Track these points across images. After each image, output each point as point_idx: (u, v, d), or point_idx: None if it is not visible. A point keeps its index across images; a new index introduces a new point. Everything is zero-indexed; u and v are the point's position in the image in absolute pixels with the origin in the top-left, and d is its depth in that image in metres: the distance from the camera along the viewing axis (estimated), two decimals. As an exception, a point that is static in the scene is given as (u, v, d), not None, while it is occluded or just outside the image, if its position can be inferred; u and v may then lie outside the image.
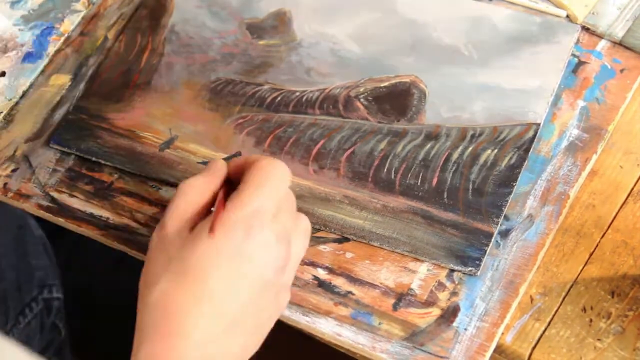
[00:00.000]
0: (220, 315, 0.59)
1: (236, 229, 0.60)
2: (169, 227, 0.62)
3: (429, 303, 0.67)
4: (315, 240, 0.70)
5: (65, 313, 0.90)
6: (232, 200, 0.61)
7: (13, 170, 0.77)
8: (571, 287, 0.69)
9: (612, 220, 0.71)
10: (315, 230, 0.71)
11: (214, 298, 0.59)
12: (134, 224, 0.73)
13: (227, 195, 0.63)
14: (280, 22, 0.81)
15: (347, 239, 0.70)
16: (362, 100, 0.76)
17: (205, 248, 0.59)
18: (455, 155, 0.72)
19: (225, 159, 0.74)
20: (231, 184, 0.65)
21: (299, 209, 0.71)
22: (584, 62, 0.76)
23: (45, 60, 0.83)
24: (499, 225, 0.69)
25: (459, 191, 0.70)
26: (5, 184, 0.76)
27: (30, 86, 0.81)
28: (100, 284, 0.97)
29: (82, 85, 0.81)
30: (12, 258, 0.85)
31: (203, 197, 0.63)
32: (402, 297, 0.67)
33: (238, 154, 0.74)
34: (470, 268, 0.67)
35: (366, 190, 0.72)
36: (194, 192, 0.63)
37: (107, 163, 0.76)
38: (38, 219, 0.76)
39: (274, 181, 0.62)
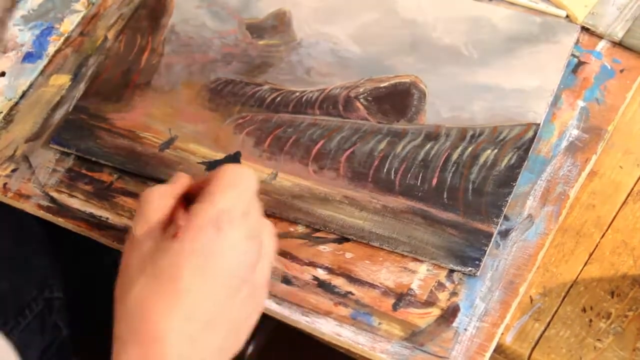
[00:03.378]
0: (195, 316, 0.59)
1: (206, 228, 0.60)
2: (138, 231, 0.62)
3: (429, 303, 0.67)
4: (315, 240, 0.70)
5: (67, 312, 0.90)
6: (201, 200, 0.61)
7: (13, 170, 0.77)
8: (571, 287, 0.69)
9: (612, 221, 0.71)
10: (315, 230, 0.71)
11: (187, 298, 0.59)
12: (133, 224, 0.73)
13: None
14: (280, 22, 0.81)
15: (346, 239, 0.70)
16: (362, 100, 0.76)
17: (176, 248, 0.59)
18: (455, 156, 0.72)
19: (225, 159, 0.74)
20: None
21: (299, 209, 0.71)
22: (584, 62, 0.76)
23: (45, 60, 0.83)
24: (498, 225, 0.69)
25: (459, 191, 0.70)
26: (5, 184, 0.76)
27: (30, 86, 0.82)
28: (100, 281, 0.97)
29: (81, 85, 0.81)
30: (12, 259, 0.85)
31: (167, 201, 0.63)
32: (401, 297, 0.67)
33: (238, 154, 0.74)
34: (470, 268, 0.67)
35: (366, 190, 0.72)
36: (156, 197, 0.63)
37: (107, 163, 0.76)
38: (38, 217, 0.76)
39: (242, 183, 0.62)
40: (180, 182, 0.65)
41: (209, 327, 0.60)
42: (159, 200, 0.63)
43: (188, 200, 0.64)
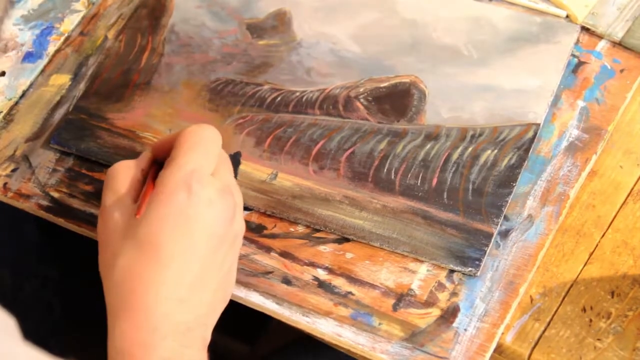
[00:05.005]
0: (181, 279, 0.60)
1: (176, 191, 0.60)
2: (109, 206, 0.63)
3: (429, 303, 0.67)
4: (315, 240, 0.70)
5: (62, 290, 0.90)
6: (168, 165, 0.62)
7: (13, 170, 0.77)
8: (571, 287, 0.69)
9: (612, 220, 0.71)
10: (315, 230, 0.71)
11: (170, 264, 0.59)
12: (134, 224, 0.73)
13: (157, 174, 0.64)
14: (280, 22, 0.81)
15: (347, 240, 0.70)
16: (362, 100, 0.76)
17: (151, 217, 0.60)
18: (455, 156, 0.72)
19: None
20: (161, 166, 0.66)
21: (299, 209, 0.71)
22: (584, 63, 0.76)
23: (45, 60, 0.83)
24: (498, 225, 0.69)
25: (459, 191, 0.70)
26: (5, 183, 0.76)
27: (30, 86, 0.81)
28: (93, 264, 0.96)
29: (82, 85, 0.81)
30: (8, 234, 0.85)
31: (134, 173, 0.65)
32: (402, 297, 0.67)
33: (238, 154, 0.74)
34: (470, 268, 0.67)
35: (366, 190, 0.72)
36: (122, 171, 0.65)
37: (107, 163, 0.76)
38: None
39: (206, 142, 0.64)
40: (143, 155, 0.67)
41: (198, 287, 0.60)
42: (125, 172, 0.65)
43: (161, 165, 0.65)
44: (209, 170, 0.63)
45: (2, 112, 0.80)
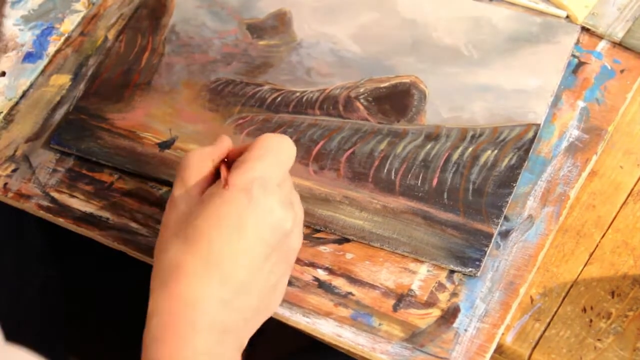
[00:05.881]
0: (229, 280, 0.60)
1: (239, 194, 0.61)
2: (177, 196, 0.63)
3: (429, 304, 0.67)
4: (315, 240, 0.70)
5: (62, 290, 0.90)
6: (235, 167, 0.62)
7: (13, 170, 0.77)
8: (571, 287, 0.69)
9: (612, 221, 0.71)
10: (315, 231, 0.71)
11: (221, 263, 0.60)
12: (134, 224, 0.73)
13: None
14: (280, 22, 0.81)
15: (347, 240, 0.70)
16: (362, 100, 0.76)
17: (209, 214, 0.60)
18: (455, 156, 0.72)
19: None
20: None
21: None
22: (584, 63, 0.76)
23: (45, 60, 0.83)
24: (499, 226, 0.69)
25: (459, 192, 0.70)
26: (5, 184, 0.76)
27: (31, 86, 0.81)
28: (98, 269, 0.97)
29: (82, 85, 0.81)
30: (8, 234, 0.85)
31: (205, 164, 0.64)
32: (402, 298, 0.67)
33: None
34: (470, 269, 0.67)
35: (366, 190, 0.72)
36: (196, 160, 0.64)
37: (108, 163, 0.76)
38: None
39: (279, 152, 0.64)
40: (221, 146, 0.66)
41: (242, 292, 0.61)
42: (198, 163, 0.64)
43: (230, 165, 0.65)
44: (276, 180, 0.62)
45: (2, 112, 0.80)
